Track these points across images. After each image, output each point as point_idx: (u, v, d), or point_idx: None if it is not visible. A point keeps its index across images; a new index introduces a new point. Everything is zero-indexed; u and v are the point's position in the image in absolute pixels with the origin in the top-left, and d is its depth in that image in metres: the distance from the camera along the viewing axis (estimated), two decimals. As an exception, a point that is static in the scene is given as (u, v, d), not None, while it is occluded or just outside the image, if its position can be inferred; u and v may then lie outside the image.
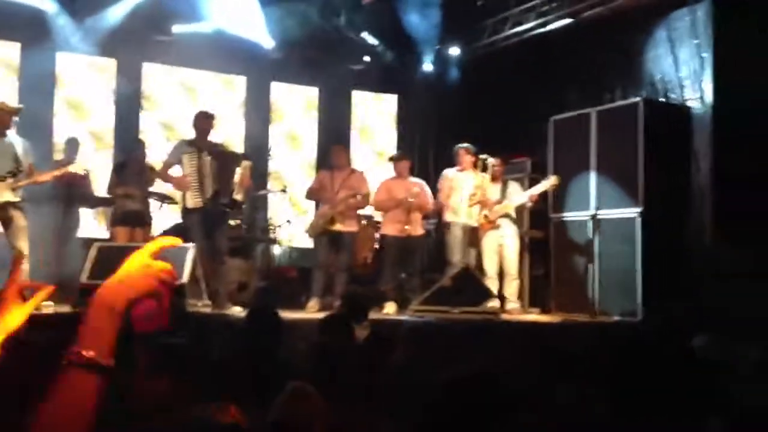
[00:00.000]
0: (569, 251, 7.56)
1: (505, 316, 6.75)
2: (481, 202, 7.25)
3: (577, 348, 5.51)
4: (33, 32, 8.10)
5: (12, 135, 6.06)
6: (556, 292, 7.65)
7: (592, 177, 7.37)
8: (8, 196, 5.83)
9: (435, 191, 7.43)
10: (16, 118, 6.13)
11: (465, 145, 7.53)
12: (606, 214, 7.21)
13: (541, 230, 7.95)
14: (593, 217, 7.32)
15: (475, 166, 7.39)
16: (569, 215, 7.58)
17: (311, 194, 7.40)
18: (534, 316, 7.22)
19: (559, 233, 7.74)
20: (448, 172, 7.49)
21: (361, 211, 8.91)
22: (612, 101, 7.57)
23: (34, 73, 8.10)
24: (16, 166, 5.89)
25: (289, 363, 3.97)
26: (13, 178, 5.85)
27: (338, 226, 6.98)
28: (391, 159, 7.62)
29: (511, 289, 7.33)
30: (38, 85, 8.02)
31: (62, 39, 8.17)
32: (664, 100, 7.51)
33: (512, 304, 7.27)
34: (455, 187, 7.32)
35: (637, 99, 7.13)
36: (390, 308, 6.83)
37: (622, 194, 7.07)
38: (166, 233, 7.40)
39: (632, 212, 6.96)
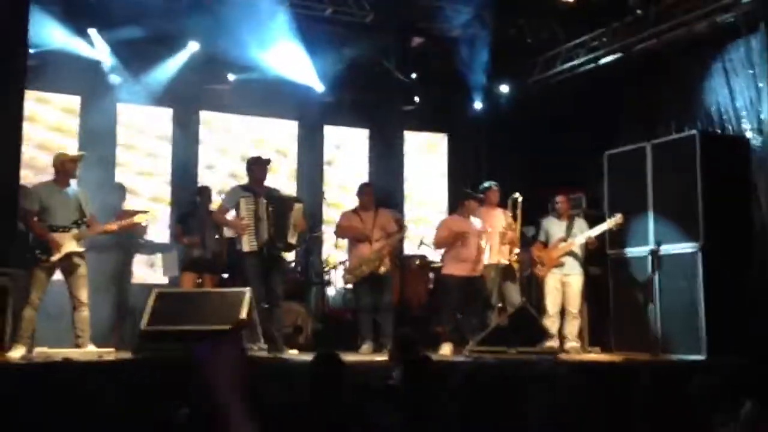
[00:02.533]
0: (628, 288, 7.39)
1: (563, 356, 6.62)
2: (510, 242, 7.13)
3: (639, 387, 5.40)
4: (93, 84, 8.39)
5: (74, 185, 6.25)
6: (616, 330, 7.47)
7: (650, 212, 7.22)
8: (73, 247, 6.00)
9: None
10: (78, 169, 6.32)
11: (491, 183, 7.48)
12: (665, 249, 7.05)
13: (599, 267, 7.81)
14: (652, 252, 7.15)
15: (501, 204, 7.31)
16: (628, 251, 7.43)
17: (343, 232, 7.33)
18: (594, 356, 7.06)
19: (617, 270, 7.58)
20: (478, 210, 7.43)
21: (413, 252, 8.96)
22: (668, 134, 7.44)
23: (94, 123, 8.37)
24: (80, 216, 6.08)
25: (353, 405, 3.97)
26: (77, 228, 6.03)
27: (381, 269, 6.99)
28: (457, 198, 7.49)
29: (572, 327, 7.20)
30: (99, 135, 8.29)
31: (121, 91, 8.44)
32: (720, 132, 7.37)
33: (572, 343, 7.14)
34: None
35: (693, 132, 7.00)
36: (446, 349, 6.76)
37: (681, 229, 6.90)
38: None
39: (692, 247, 6.79)
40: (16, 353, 5.59)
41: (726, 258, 6.68)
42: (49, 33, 7.57)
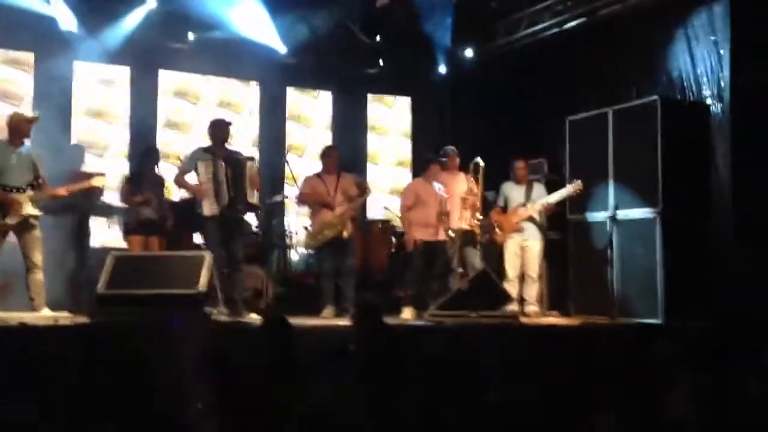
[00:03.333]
0: (588, 253, 7.48)
1: (523, 320, 6.69)
2: (471, 207, 7.14)
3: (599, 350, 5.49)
4: (48, 42, 8.14)
5: (28, 145, 6.09)
6: (576, 294, 7.57)
7: (610, 177, 7.29)
8: (29, 209, 5.88)
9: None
10: (33, 128, 6.15)
11: (451, 147, 7.46)
12: (625, 214, 7.13)
13: (560, 231, 7.88)
14: (612, 218, 7.24)
15: (463, 169, 7.30)
16: (587, 216, 7.50)
17: (306, 199, 7.28)
18: (553, 319, 7.15)
19: (577, 235, 7.66)
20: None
21: (377, 216, 8.94)
22: (629, 100, 7.47)
23: (50, 82, 8.14)
24: (35, 178, 5.93)
25: (306, 368, 3.97)
26: (32, 189, 5.89)
27: (344, 233, 6.97)
28: (427, 159, 7.43)
29: (532, 291, 7.28)
30: (54, 94, 8.07)
31: (78, 48, 8.20)
32: (681, 98, 7.42)
33: (532, 307, 7.22)
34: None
35: (654, 98, 7.04)
36: (408, 313, 6.79)
37: (640, 194, 6.98)
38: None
39: (651, 212, 6.87)
40: (-31, 317, 5.48)
41: (684, 223, 6.78)
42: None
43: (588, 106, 7.84)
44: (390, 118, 10.47)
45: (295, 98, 9.97)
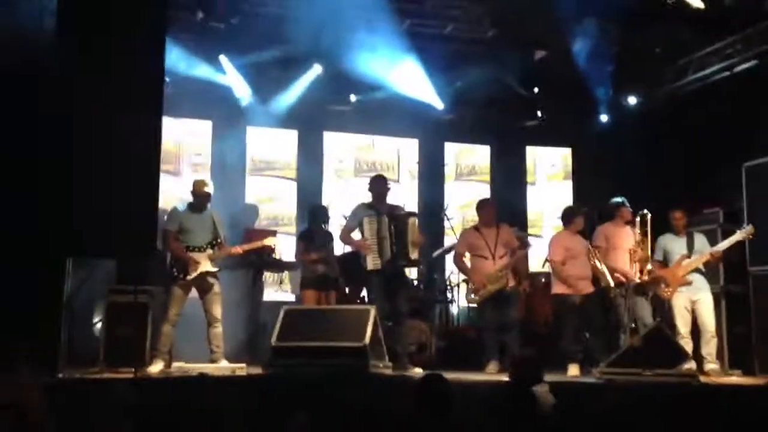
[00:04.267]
0: (773, 307, 6.95)
1: (703, 379, 6.27)
2: (640, 260, 6.80)
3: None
4: (224, 110, 8.74)
5: (210, 208, 6.54)
6: (760, 351, 7.03)
7: (794, 225, 6.79)
8: (208, 266, 6.30)
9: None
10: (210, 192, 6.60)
11: (620, 199, 7.20)
12: (812, 265, 6.60)
13: (740, 284, 7.38)
14: (798, 268, 6.71)
15: (632, 222, 7.00)
16: (770, 268, 7.00)
17: (459, 259, 7.16)
18: (736, 379, 6.66)
19: (760, 287, 7.14)
20: (605, 229, 7.17)
21: (540, 268, 8.77)
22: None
23: (226, 146, 8.72)
24: (214, 238, 6.36)
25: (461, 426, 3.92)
26: (212, 249, 6.31)
27: (507, 287, 6.89)
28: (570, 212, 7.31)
29: (710, 348, 6.82)
30: (230, 158, 8.63)
31: (250, 114, 8.75)
32: None
33: (712, 365, 6.77)
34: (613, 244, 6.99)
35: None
36: (573, 370, 6.57)
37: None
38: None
39: (843, 262, 6.32)
40: (156, 368, 5.87)
41: None
42: (182, 61, 7.95)
43: (765, 151, 7.38)
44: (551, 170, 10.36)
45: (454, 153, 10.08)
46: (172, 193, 7.82)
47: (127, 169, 4.97)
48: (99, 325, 6.49)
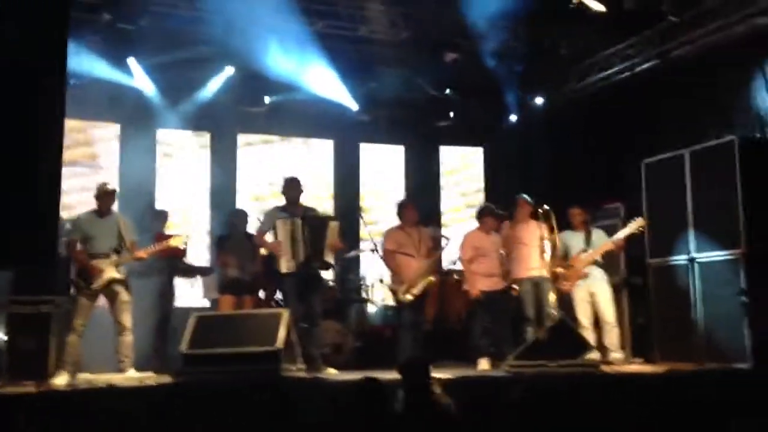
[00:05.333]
0: (670, 297, 7.26)
1: (605, 368, 6.52)
2: (542, 254, 7.06)
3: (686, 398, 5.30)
4: (132, 113, 8.58)
5: (115, 213, 6.41)
6: (660, 340, 7.34)
7: (690, 219, 7.11)
8: (113, 273, 6.16)
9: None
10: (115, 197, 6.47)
11: (522, 196, 7.43)
12: (706, 257, 6.92)
13: (640, 276, 7.70)
14: (692, 260, 7.04)
15: (534, 216, 7.24)
16: (668, 260, 7.32)
17: (389, 256, 7.14)
18: (637, 367, 6.94)
19: (658, 279, 7.46)
20: (510, 225, 7.40)
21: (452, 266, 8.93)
22: (706, 141, 7.30)
23: (135, 150, 8.56)
24: (120, 243, 6.23)
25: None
26: (117, 254, 6.18)
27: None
28: (481, 212, 7.49)
29: (612, 338, 7.09)
30: (139, 161, 8.48)
31: (160, 117, 8.62)
32: (760, 136, 7.22)
33: (615, 354, 7.04)
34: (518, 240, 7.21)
35: (732, 138, 6.86)
36: (484, 364, 6.73)
37: (722, 236, 6.77)
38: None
39: (734, 254, 6.65)
40: (61, 380, 5.73)
41: (768, 263, 6.53)
42: (88, 63, 7.77)
43: (664, 148, 7.69)
44: (463, 169, 10.55)
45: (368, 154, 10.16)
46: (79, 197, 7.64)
47: (27, 174, 4.83)
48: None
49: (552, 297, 7.15)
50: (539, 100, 9.64)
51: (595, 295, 7.16)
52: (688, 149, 7.24)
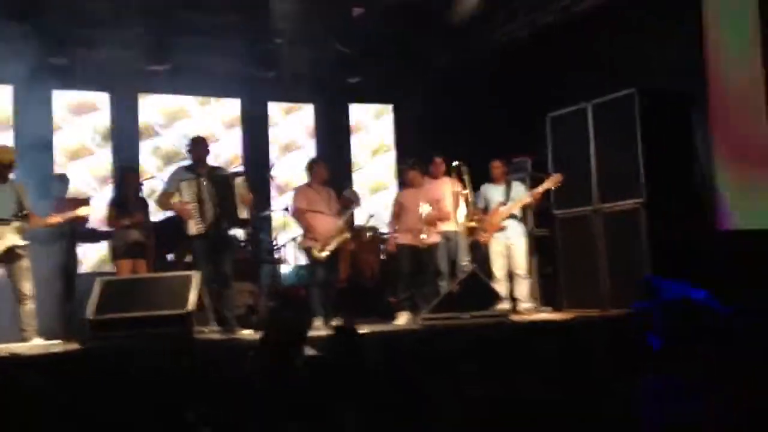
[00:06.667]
0: (576, 247, 7.51)
1: (515, 317, 6.71)
2: (456, 209, 7.18)
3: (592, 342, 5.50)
4: (26, 73, 8.14)
5: (12, 177, 6.11)
6: (567, 289, 7.60)
7: (593, 170, 7.32)
8: (15, 240, 5.89)
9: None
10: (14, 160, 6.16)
11: (434, 155, 7.52)
12: (609, 206, 7.16)
13: (547, 228, 7.91)
14: (597, 210, 7.27)
15: (448, 173, 7.32)
16: (573, 211, 7.53)
17: (301, 214, 7.07)
18: (546, 315, 7.17)
19: (564, 229, 7.69)
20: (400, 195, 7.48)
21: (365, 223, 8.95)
22: (608, 94, 7.49)
23: (30, 112, 8.16)
24: (20, 210, 5.94)
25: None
26: (17, 221, 5.90)
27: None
28: (403, 167, 7.53)
29: (522, 289, 7.29)
30: (35, 125, 8.09)
31: (56, 77, 8.21)
32: (660, 88, 7.44)
33: (525, 304, 7.24)
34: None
35: (632, 90, 7.06)
36: (402, 319, 6.81)
37: (624, 186, 7.01)
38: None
39: (635, 203, 6.90)
40: (-40, 351, 5.47)
41: (669, 212, 6.81)
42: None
43: (568, 102, 7.86)
44: (373, 127, 10.53)
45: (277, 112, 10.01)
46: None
47: None
48: None
49: (464, 250, 7.29)
50: (446, 56, 9.64)
51: (511, 248, 7.31)
52: (590, 102, 7.43)
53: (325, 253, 6.85)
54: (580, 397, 3.75)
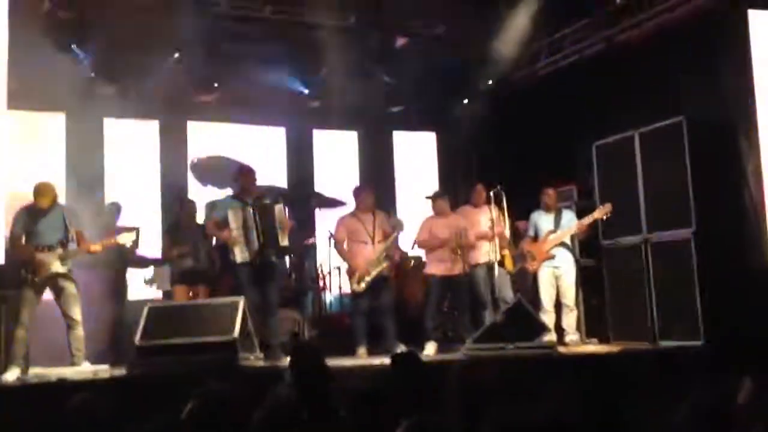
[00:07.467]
0: (623, 278, 7.39)
1: (562, 349, 6.60)
2: (499, 237, 7.09)
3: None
4: (77, 101, 8.32)
5: (60, 204, 6.22)
6: (614, 321, 7.46)
7: (641, 200, 7.22)
8: (57, 267, 5.96)
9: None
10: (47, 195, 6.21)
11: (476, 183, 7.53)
12: (658, 237, 7.04)
13: (594, 258, 7.80)
14: (645, 241, 7.15)
15: (488, 201, 7.27)
16: (621, 241, 7.42)
17: (340, 245, 7.13)
18: (593, 348, 7.05)
19: (611, 260, 7.57)
20: (464, 210, 7.44)
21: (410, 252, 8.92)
22: (655, 122, 7.41)
23: (81, 140, 8.33)
24: (65, 235, 6.03)
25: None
26: (62, 248, 5.98)
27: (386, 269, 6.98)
28: (430, 197, 7.51)
29: (570, 321, 7.19)
30: (86, 152, 8.26)
31: (107, 105, 8.38)
32: (708, 118, 7.33)
33: (571, 336, 7.13)
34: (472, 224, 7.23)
35: (680, 118, 6.97)
36: (430, 348, 6.75)
37: (673, 216, 6.89)
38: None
39: (685, 233, 6.77)
40: (11, 375, 5.57)
41: (719, 242, 6.67)
42: (30, 52, 7.50)
43: (615, 130, 7.78)
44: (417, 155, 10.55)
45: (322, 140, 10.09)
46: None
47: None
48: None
49: (506, 280, 7.23)
50: (491, 85, 9.64)
51: (559, 278, 7.23)
52: (637, 131, 7.35)
53: (363, 285, 6.85)
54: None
